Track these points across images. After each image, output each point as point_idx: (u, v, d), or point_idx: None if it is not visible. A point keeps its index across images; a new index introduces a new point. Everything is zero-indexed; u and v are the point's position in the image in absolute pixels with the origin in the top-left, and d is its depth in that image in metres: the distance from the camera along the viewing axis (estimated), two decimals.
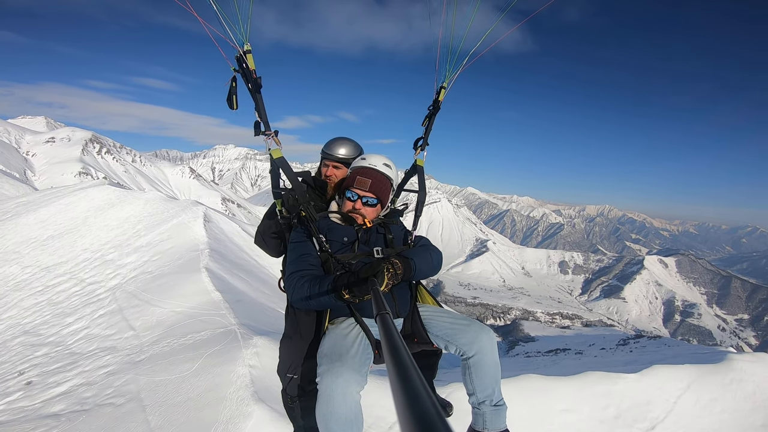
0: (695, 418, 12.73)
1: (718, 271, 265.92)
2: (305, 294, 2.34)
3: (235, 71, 2.61)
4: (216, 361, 7.00)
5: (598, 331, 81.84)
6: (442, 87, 3.08)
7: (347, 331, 2.35)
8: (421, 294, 2.87)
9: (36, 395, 7.21)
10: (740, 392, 13.52)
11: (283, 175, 2.75)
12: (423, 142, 3.11)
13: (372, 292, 1.84)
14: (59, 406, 6.70)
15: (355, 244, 2.60)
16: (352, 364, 2.06)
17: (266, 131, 2.67)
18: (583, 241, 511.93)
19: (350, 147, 3.17)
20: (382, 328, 1.23)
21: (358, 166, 2.75)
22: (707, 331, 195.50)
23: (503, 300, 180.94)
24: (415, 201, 3.07)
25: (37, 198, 21.96)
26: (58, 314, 10.99)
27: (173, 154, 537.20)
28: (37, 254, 15.11)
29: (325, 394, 1.96)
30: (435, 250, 2.74)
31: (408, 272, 2.36)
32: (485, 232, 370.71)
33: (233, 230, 19.58)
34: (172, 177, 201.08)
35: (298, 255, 2.54)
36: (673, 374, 14.17)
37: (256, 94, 2.64)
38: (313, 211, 2.61)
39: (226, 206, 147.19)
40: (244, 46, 2.58)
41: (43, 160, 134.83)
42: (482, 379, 2.36)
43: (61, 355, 8.81)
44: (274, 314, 11.25)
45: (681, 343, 44.00)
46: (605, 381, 13.27)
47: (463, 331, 2.42)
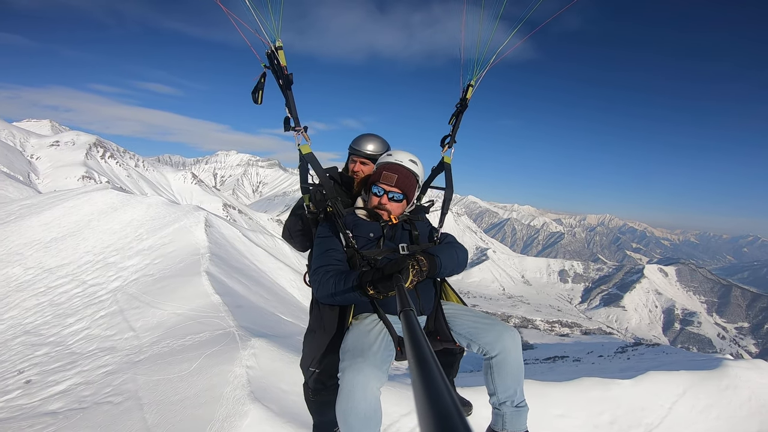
0: (690, 424, 12.60)
1: (718, 280, 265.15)
2: (330, 289, 2.36)
3: (266, 67, 2.61)
4: (214, 361, 7.09)
5: (597, 339, 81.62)
6: (470, 85, 3.06)
7: (370, 328, 2.36)
8: (446, 291, 2.88)
9: (35, 393, 7.31)
10: (736, 399, 13.44)
11: (311, 170, 2.76)
12: (450, 140, 3.08)
13: (396, 288, 1.85)
14: (57, 404, 6.80)
15: (380, 240, 2.60)
16: (374, 361, 2.07)
17: (296, 127, 2.68)
18: (584, 251, 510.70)
19: (378, 143, 3.19)
20: (406, 324, 1.25)
21: (384, 162, 2.74)
22: (707, 339, 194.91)
23: (503, 308, 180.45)
24: (442, 198, 3.08)
25: (40, 201, 22.18)
26: (59, 315, 11.11)
27: (176, 160, 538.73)
28: (39, 256, 15.28)
29: (345, 390, 1.98)
30: (461, 248, 2.74)
31: (433, 269, 2.37)
32: (485, 240, 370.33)
33: (234, 235, 19.75)
34: (174, 182, 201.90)
35: (324, 250, 2.56)
36: (669, 380, 14.18)
37: (287, 90, 2.63)
38: (340, 206, 2.61)
39: (228, 212, 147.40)
40: (276, 42, 2.58)
41: (47, 163, 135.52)
42: (504, 379, 2.33)
43: (61, 354, 8.92)
44: (273, 318, 11.35)
45: (679, 351, 43.92)
46: (600, 387, 13.31)
47: (486, 330, 2.41)
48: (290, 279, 18.46)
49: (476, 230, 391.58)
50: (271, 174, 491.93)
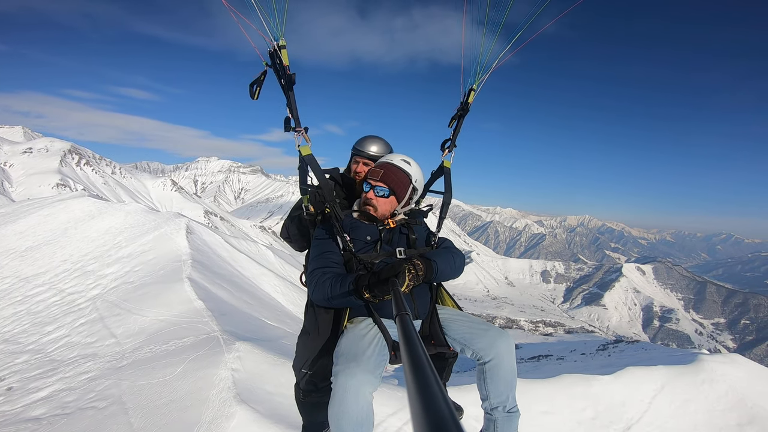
0: (670, 418, 12.84)
1: (693, 277, 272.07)
2: (326, 291, 2.35)
3: (267, 66, 2.58)
4: (198, 365, 7.09)
5: (580, 338, 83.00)
6: (471, 89, 3.02)
7: (365, 332, 2.34)
8: (442, 296, 2.87)
9: (16, 400, 7.22)
10: (713, 393, 13.74)
11: (311, 172, 2.73)
12: (451, 144, 3.07)
13: (392, 292, 1.87)
14: (40, 410, 6.73)
15: (377, 244, 2.59)
16: (367, 366, 2.07)
17: (297, 128, 2.65)
18: (565, 251, 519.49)
19: (381, 145, 3.17)
20: (401, 329, 1.26)
21: (376, 162, 2.80)
22: (685, 336, 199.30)
23: (487, 309, 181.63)
24: (440, 202, 3.08)
25: (15, 209, 21.62)
26: (37, 323, 10.93)
27: (154, 166, 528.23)
28: (15, 265, 14.94)
29: (338, 394, 1.98)
30: (458, 253, 2.74)
31: (429, 274, 2.38)
32: (469, 243, 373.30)
33: (216, 242, 19.59)
34: (153, 189, 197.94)
35: (321, 252, 2.56)
36: (647, 376, 14.54)
37: (288, 90, 2.61)
38: (339, 209, 2.59)
39: (209, 219, 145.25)
40: (279, 41, 2.55)
41: (20, 171, 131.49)
42: (497, 384, 2.34)
43: (41, 362, 8.79)
44: (257, 322, 11.32)
45: (657, 347, 45.02)
46: (581, 383, 13.59)
47: (480, 335, 2.41)
48: (274, 284, 18.39)
49: (460, 233, 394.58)
50: (253, 180, 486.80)
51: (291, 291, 18.74)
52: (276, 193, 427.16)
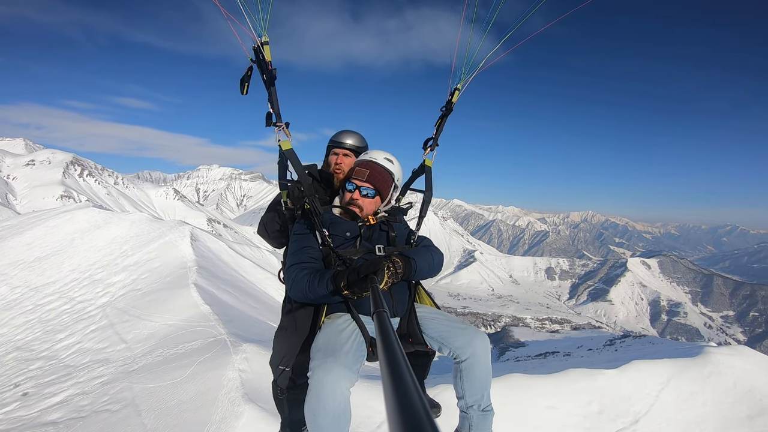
0: (678, 411, 13.14)
1: (699, 270, 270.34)
2: (304, 287, 2.34)
3: (252, 62, 2.61)
4: (207, 367, 7.29)
5: (586, 334, 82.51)
6: (456, 89, 3.04)
7: (342, 327, 2.34)
8: (420, 294, 2.86)
9: (33, 405, 7.42)
10: (720, 385, 13.96)
11: (290, 167, 2.75)
12: (433, 143, 3.08)
13: (371, 289, 1.89)
14: (56, 414, 6.93)
15: (357, 240, 2.58)
16: (345, 361, 2.07)
17: (277, 122, 2.67)
18: (569, 248, 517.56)
19: (357, 137, 3.20)
20: (379, 326, 1.27)
21: (359, 159, 2.78)
22: (694, 329, 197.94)
23: (493, 308, 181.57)
24: (421, 201, 3.08)
25: (21, 221, 21.95)
26: (49, 331, 11.18)
27: (156, 176, 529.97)
28: (25, 275, 15.24)
29: (315, 389, 1.98)
30: (436, 251, 2.75)
31: (408, 271, 2.39)
32: (472, 242, 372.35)
33: (220, 248, 19.88)
34: (155, 199, 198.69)
35: (299, 247, 2.54)
36: (653, 369, 14.58)
37: (270, 86, 2.63)
38: (318, 204, 2.59)
39: (212, 227, 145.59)
40: (263, 38, 2.58)
41: (23, 183, 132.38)
42: (473, 383, 2.36)
43: (55, 368, 9.02)
44: (263, 326, 11.53)
45: (664, 341, 44.83)
46: (585, 377, 13.64)
47: (458, 335, 2.41)
48: (278, 288, 18.58)
49: (463, 233, 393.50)
50: (254, 187, 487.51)
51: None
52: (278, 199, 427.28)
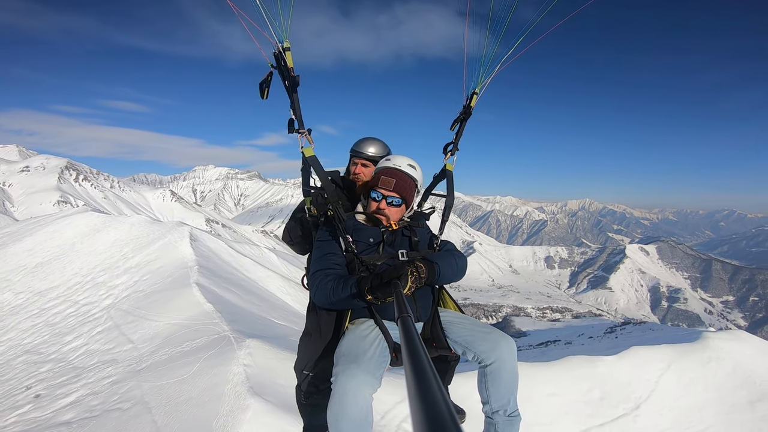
0: (679, 397, 13.10)
1: (698, 255, 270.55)
2: (329, 293, 2.35)
3: (273, 67, 2.58)
4: (213, 363, 7.42)
5: (587, 322, 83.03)
6: (474, 93, 3.00)
7: (366, 333, 2.34)
8: (444, 299, 2.87)
9: (46, 406, 7.57)
10: (720, 370, 13.95)
11: (313, 174, 2.74)
12: (453, 147, 3.06)
13: (395, 294, 1.89)
14: (69, 414, 7.07)
15: (380, 246, 2.58)
16: (368, 367, 2.08)
17: (300, 129, 2.65)
18: (567, 236, 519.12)
19: (379, 146, 3.18)
20: (403, 331, 1.26)
21: (382, 166, 2.74)
22: (695, 315, 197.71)
23: (493, 299, 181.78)
24: (443, 205, 3.05)
25: (20, 228, 22.07)
26: (56, 334, 11.33)
27: (152, 178, 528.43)
28: (28, 281, 15.39)
29: (338, 395, 1.98)
30: (460, 255, 2.73)
31: (432, 276, 2.37)
32: (471, 234, 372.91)
33: (220, 247, 19.99)
34: (153, 201, 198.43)
35: (323, 253, 2.56)
36: (652, 355, 14.69)
37: (292, 92, 2.60)
38: (342, 210, 2.59)
39: (211, 227, 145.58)
40: (284, 43, 2.55)
41: (20, 190, 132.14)
42: (498, 388, 2.33)
43: (64, 369, 9.17)
44: (265, 322, 11.66)
45: (664, 327, 45.22)
46: (586, 364, 13.79)
47: (482, 338, 2.40)
48: (280, 285, 18.75)
49: (461, 225, 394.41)
50: (251, 186, 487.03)
51: (297, 291, 19.02)
52: (275, 197, 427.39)
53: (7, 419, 7.46)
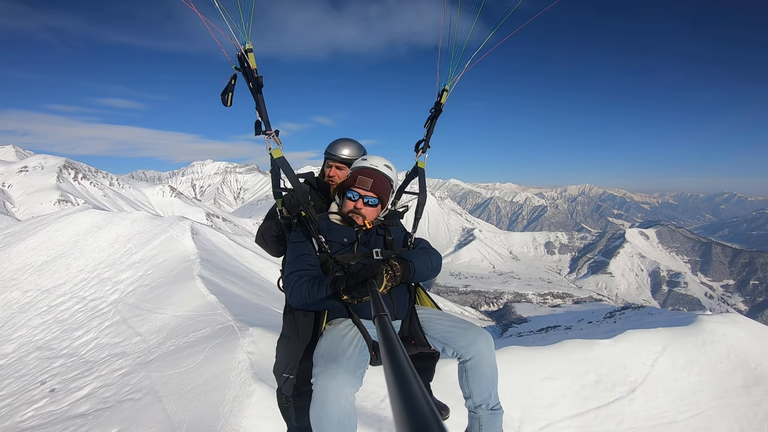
0: (674, 380, 13.09)
1: (698, 239, 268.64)
2: (303, 294, 2.35)
3: (236, 70, 2.56)
4: (218, 352, 7.74)
5: (587, 307, 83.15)
6: (444, 89, 3.03)
7: (344, 333, 2.34)
8: (420, 296, 2.88)
9: (61, 400, 7.88)
10: (715, 353, 13.79)
11: (283, 175, 2.73)
12: (424, 145, 3.09)
13: (371, 293, 1.88)
14: (84, 407, 7.38)
15: (354, 246, 2.59)
16: (348, 366, 2.07)
17: (267, 131, 2.64)
18: (568, 221, 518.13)
19: (354, 148, 3.16)
20: (380, 329, 1.26)
21: (359, 166, 2.75)
22: (695, 300, 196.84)
23: (494, 285, 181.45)
24: (415, 203, 3.05)
25: (24, 227, 22.31)
26: (66, 329, 11.65)
27: (150, 174, 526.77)
28: (34, 279, 15.69)
29: (319, 396, 1.97)
30: (434, 253, 2.76)
31: (407, 274, 2.39)
32: (471, 221, 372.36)
33: (221, 240, 20.26)
34: (152, 197, 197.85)
35: (297, 255, 2.55)
36: (647, 338, 14.78)
37: (257, 93, 2.59)
38: (313, 211, 2.59)
39: (212, 221, 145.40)
40: (246, 45, 2.55)
41: (19, 190, 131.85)
42: (479, 382, 2.36)
43: (76, 364, 9.49)
44: (267, 312, 11.93)
45: (663, 311, 45.50)
46: (581, 348, 13.98)
47: (460, 334, 2.42)
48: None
49: (461, 212, 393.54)
50: (250, 179, 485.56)
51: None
52: None
53: (25, 413, 7.75)
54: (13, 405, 8.34)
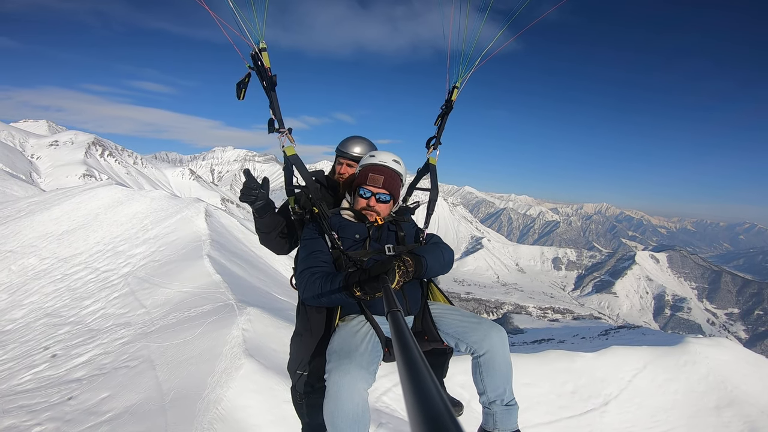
0: (649, 396, 13.46)
1: (709, 266, 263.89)
2: (317, 291, 2.34)
3: (250, 68, 2.60)
4: (215, 327, 8.03)
5: (585, 324, 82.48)
6: (455, 87, 3.04)
7: (357, 329, 2.33)
8: (432, 292, 2.84)
9: (60, 365, 8.21)
10: (694, 374, 14.07)
11: (296, 172, 2.74)
12: (435, 141, 3.08)
13: (383, 289, 1.85)
14: (81, 372, 7.70)
15: (366, 242, 2.58)
16: (361, 362, 2.06)
17: (280, 129, 2.68)
18: (579, 239, 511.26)
19: (366, 146, 3.15)
20: (393, 325, 1.25)
21: (368, 163, 2.72)
22: (696, 325, 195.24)
23: (496, 295, 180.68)
24: (427, 199, 3.04)
25: (48, 198, 23.22)
26: (76, 298, 12.12)
27: (172, 156, 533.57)
28: (53, 247, 16.37)
29: (332, 392, 1.97)
30: (446, 248, 2.72)
31: (419, 270, 2.36)
32: (480, 230, 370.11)
33: (232, 224, 20.67)
34: (172, 178, 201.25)
35: (309, 252, 2.54)
36: (630, 354, 14.99)
37: (270, 92, 2.62)
38: (326, 208, 2.60)
39: (226, 206, 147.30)
40: (260, 44, 2.57)
41: (47, 162, 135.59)
42: (493, 377, 2.31)
43: (81, 331, 9.89)
44: (268, 296, 12.25)
45: (656, 332, 45.25)
46: (564, 359, 14.36)
47: (473, 329, 2.39)
48: (285, 264, 19.36)
49: (472, 220, 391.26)
50: (268, 169, 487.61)
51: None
52: None
53: (23, 377, 8.08)
54: (13, 369, 8.58)
